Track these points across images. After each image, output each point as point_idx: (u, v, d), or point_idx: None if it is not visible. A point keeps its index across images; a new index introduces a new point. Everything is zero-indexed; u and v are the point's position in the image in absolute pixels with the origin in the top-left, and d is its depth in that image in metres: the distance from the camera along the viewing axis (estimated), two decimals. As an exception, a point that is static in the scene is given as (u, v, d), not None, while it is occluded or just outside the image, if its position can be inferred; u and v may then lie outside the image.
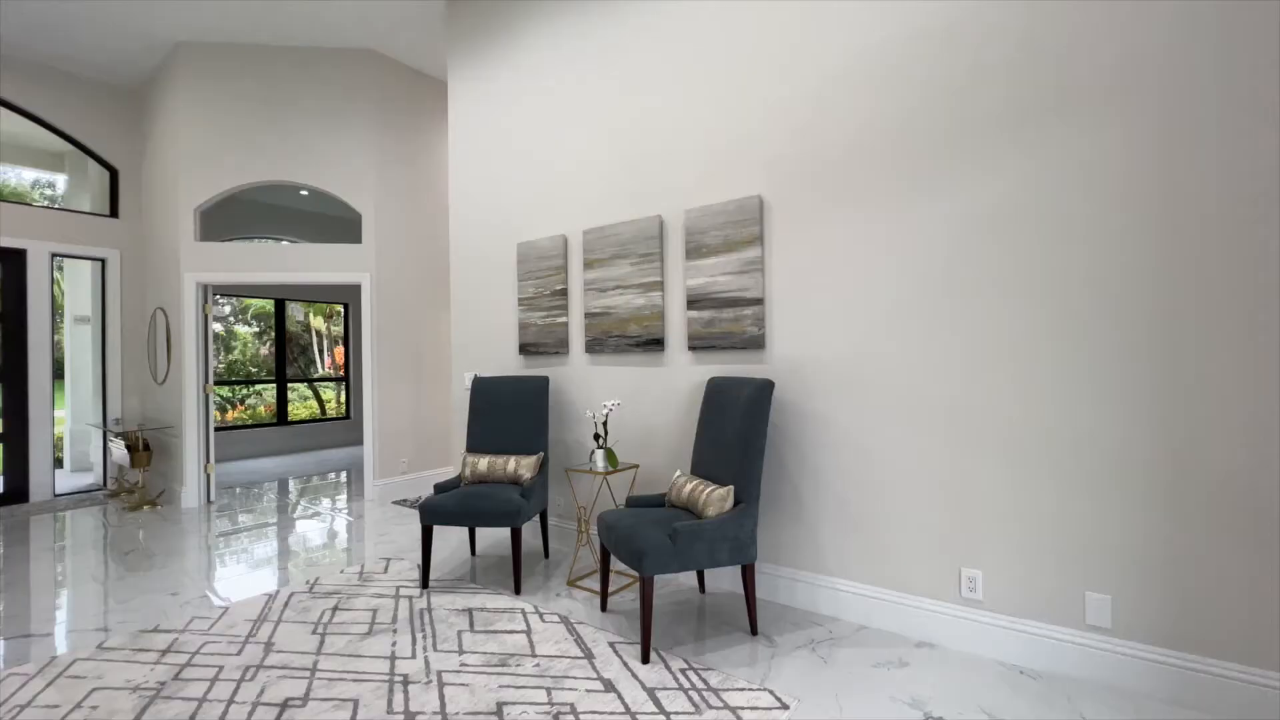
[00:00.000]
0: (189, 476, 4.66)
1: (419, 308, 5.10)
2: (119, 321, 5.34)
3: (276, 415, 7.77)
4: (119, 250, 5.35)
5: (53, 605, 2.89)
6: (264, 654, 2.31)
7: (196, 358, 4.68)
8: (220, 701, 1.99)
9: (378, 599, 2.82)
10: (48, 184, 12.99)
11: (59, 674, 2.18)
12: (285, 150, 4.77)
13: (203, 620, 2.62)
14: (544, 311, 3.59)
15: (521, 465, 3.14)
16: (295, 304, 8.69)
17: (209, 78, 4.72)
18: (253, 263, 4.84)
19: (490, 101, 3.94)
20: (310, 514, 4.61)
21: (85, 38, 4.60)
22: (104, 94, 5.30)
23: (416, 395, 5.07)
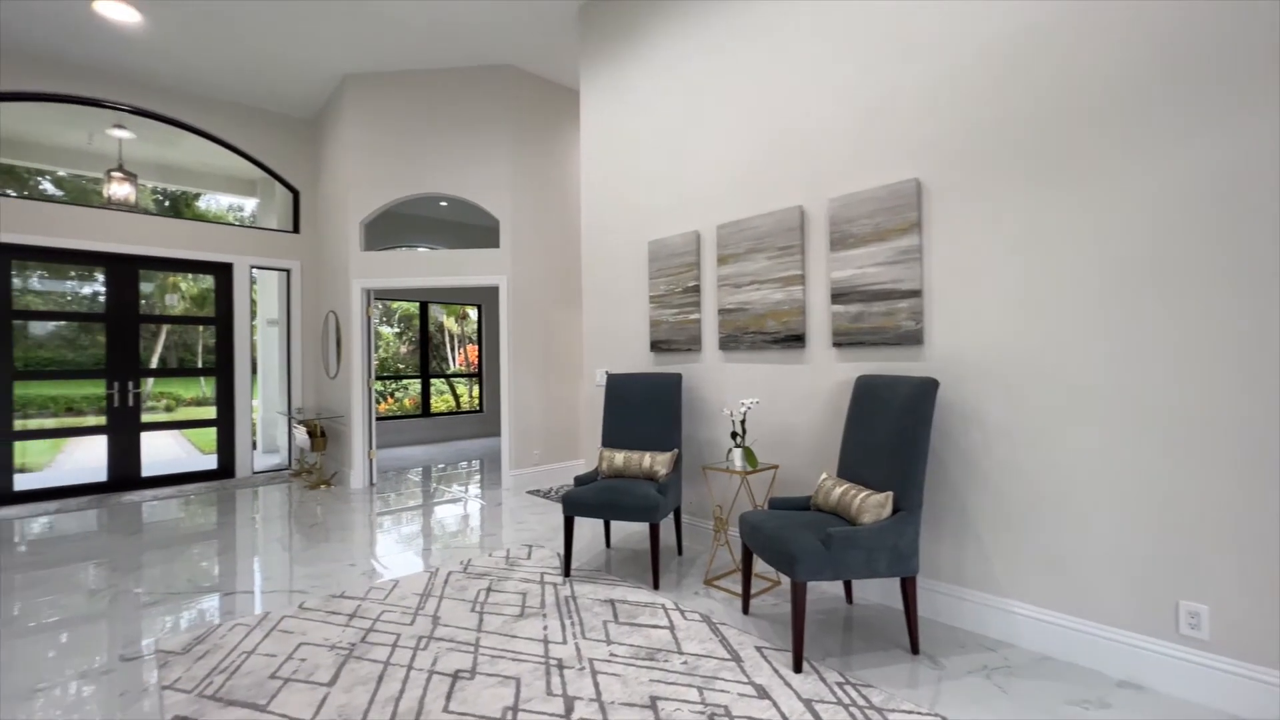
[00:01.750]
0: (356, 460, 5.24)
1: (550, 307, 5.34)
2: (300, 323, 6.12)
3: (421, 408, 8.52)
4: (300, 261, 6.13)
5: (256, 567, 3.35)
6: (432, 626, 2.51)
7: (361, 355, 5.24)
8: (401, 666, 2.19)
9: (525, 584, 2.97)
10: (238, 207, 15.29)
11: (272, 628, 2.51)
12: (433, 165, 5.19)
13: (378, 591, 2.91)
14: (675, 309, 3.59)
15: (657, 462, 3.16)
16: (434, 306, 9.48)
17: (369, 105, 5.26)
18: (406, 268, 5.33)
19: (621, 104, 4.01)
20: (454, 499, 4.99)
21: (275, 78, 5.31)
22: (288, 126, 6.09)
23: (547, 390, 5.31)
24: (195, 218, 9.32)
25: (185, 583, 3.12)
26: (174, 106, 5.45)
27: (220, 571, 3.30)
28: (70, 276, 8.85)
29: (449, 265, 5.26)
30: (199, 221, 5.85)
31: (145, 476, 5.41)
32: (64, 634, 2.53)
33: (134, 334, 5.41)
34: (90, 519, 4.42)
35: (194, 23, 4.43)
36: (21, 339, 5.14)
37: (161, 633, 2.52)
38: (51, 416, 6.81)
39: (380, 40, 4.72)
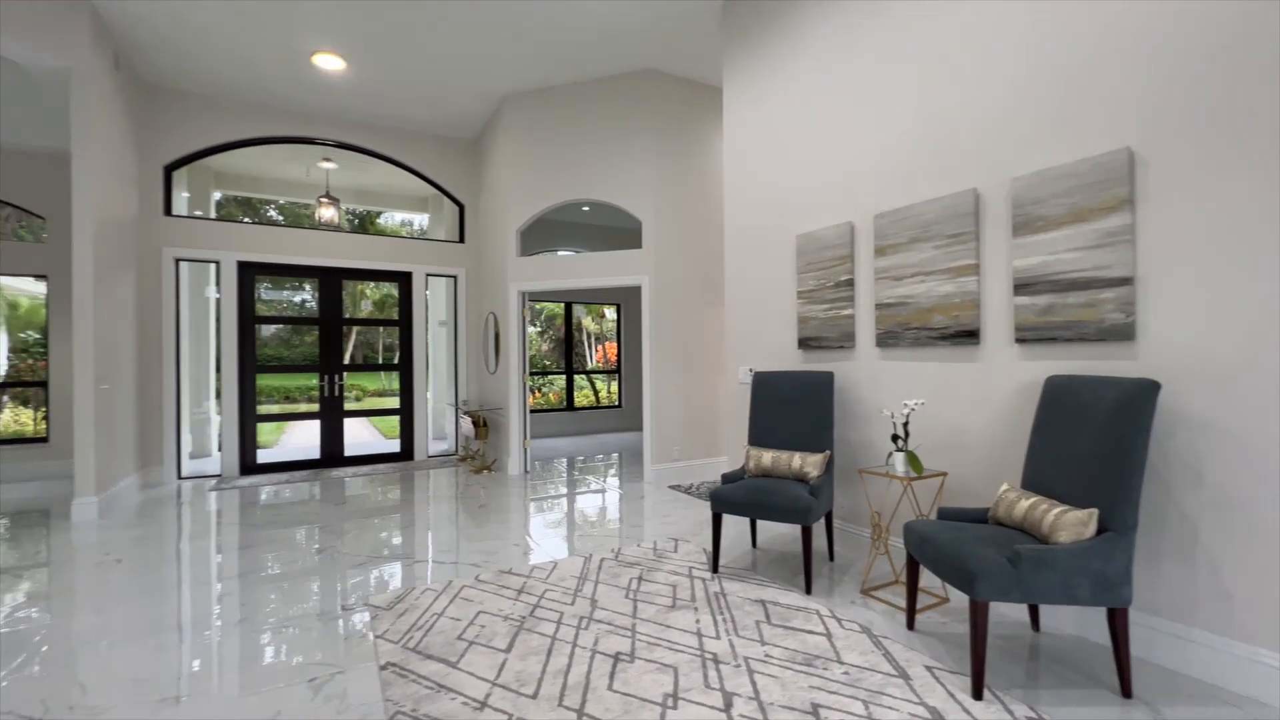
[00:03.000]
0: (513, 449, 5.70)
1: (691, 305, 5.40)
2: (465, 324, 6.80)
3: (565, 402, 9.05)
4: (465, 268, 6.80)
5: (436, 540, 3.78)
6: (591, 609, 2.66)
7: (517, 352, 5.69)
8: (566, 643, 2.34)
9: (674, 576, 3.04)
10: (407, 221, 17.31)
11: (455, 596, 2.82)
12: (580, 171, 5.48)
13: (540, 571, 3.14)
14: (826, 304, 3.45)
15: (808, 463, 3.06)
16: (576, 306, 10.02)
17: (523, 121, 5.68)
18: (556, 271, 5.68)
19: (766, 96, 3.93)
20: (598, 490, 5.24)
21: (445, 105, 5.93)
22: (454, 147, 6.78)
23: (687, 388, 5.37)
24: (377, 233, 10.68)
25: (381, 549, 3.62)
26: (366, 138, 6.31)
27: (407, 541, 3.78)
28: (286, 287, 10.52)
29: (594, 267, 5.53)
30: (384, 236, 6.71)
31: (347, 456, 6.35)
32: (296, 583, 3.05)
33: (338, 335, 6.35)
34: (308, 489, 5.28)
35: (383, 64, 5.09)
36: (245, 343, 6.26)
37: (369, 590, 2.94)
38: (274, 403, 8.18)
39: (535, 61, 5.07)
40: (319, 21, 4.46)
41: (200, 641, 2.43)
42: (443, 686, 2.04)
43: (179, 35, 4.62)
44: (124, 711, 1.92)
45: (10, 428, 7.46)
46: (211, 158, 5.96)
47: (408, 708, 1.91)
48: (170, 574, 3.24)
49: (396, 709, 1.90)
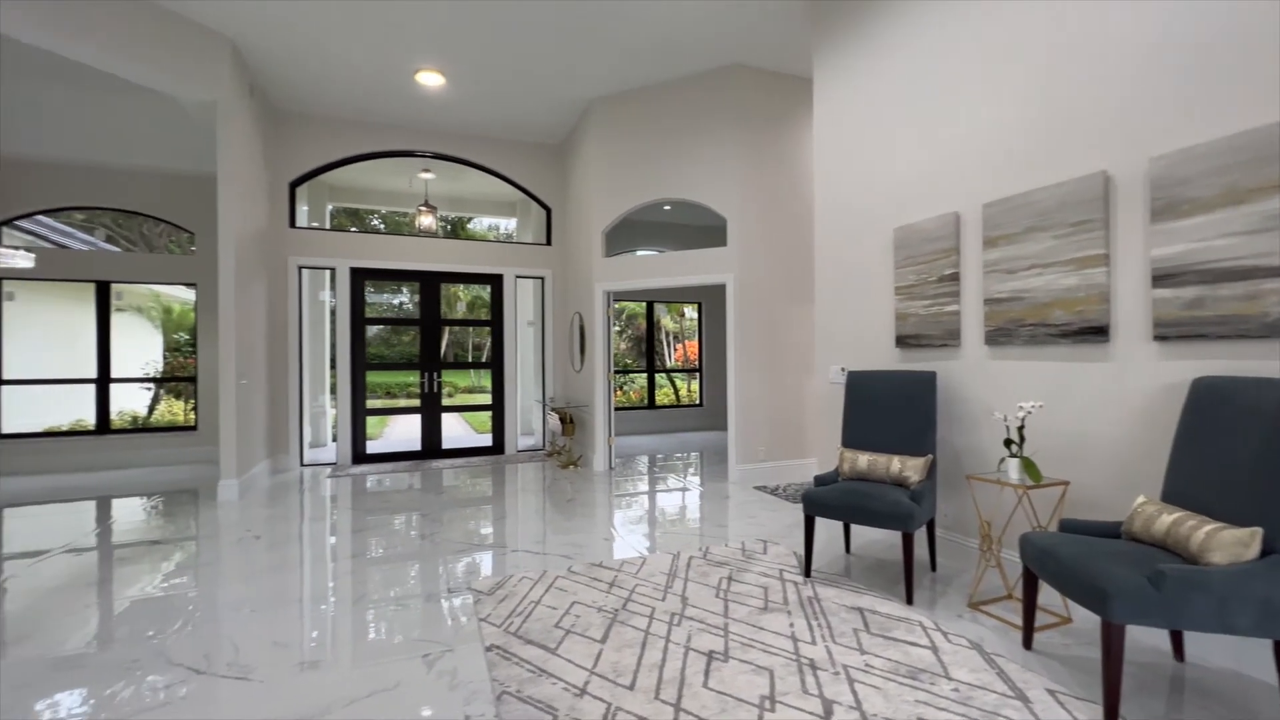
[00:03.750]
0: (598, 445, 5.83)
1: (778, 303, 5.29)
2: (552, 324, 7.03)
3: (646, 400, 9.14)
4: (551, 270, 7.03)
5: (529, 531, 3.93)
6: (682, 606, 2.67)
7: (602, 351, 5.82)
8: (659, 638, 2.37)
9: (764, 578, 2.99)
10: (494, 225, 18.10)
11: (550, 585, 2.93)
12: (665, 171, 5.51)
13: (630, 566, 3.19)
14: (928, 300, 3.27)
15: (908, 466, 2.92)
16: (658, 305, 10.08)
17: (609, 123, 5.79)
18: (640, 271, 5.75)
19: (862, 84, 3.78)
20: (682, 488, 5.25)
21: (534, 113, 6.15)
22: (542, 153, 7.02)
23: (773, 387, 5.27)
24: (467, 238, 11.20)
25: (478, 537, 3.82)
26: (461, 148, 6.66)
27: (501, 531, 3.96)
28: (385, 290, 11.26)
29: (677, 266, 5.54)
30: (478, 241, 7.06)
31: (444, 448, 6.75)
32: (403, 565, 3.28)
33: (436, 335, 6.76)
34: (410, 479, 5.65)
35: (478, 77, 5.35)
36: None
37: (469, 575, 3.12)
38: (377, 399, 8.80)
39: (621, 65, 5.16)
40: (423, 41, 4.76)
41: (325, 613, 2.67)
42: (544, 671, 2.12)
43: (302, 65, 5.09)
44: (270, 670, 2.15)
45: (165, 417, 8.52)
46: (326, 173, 6.51)
47: (513, 688, 2.01)
48: (298, 551, 3.59)
49: (503, 689, 2.01)
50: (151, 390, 8.67)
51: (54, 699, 1.98)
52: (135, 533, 4.04)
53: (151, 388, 8.61)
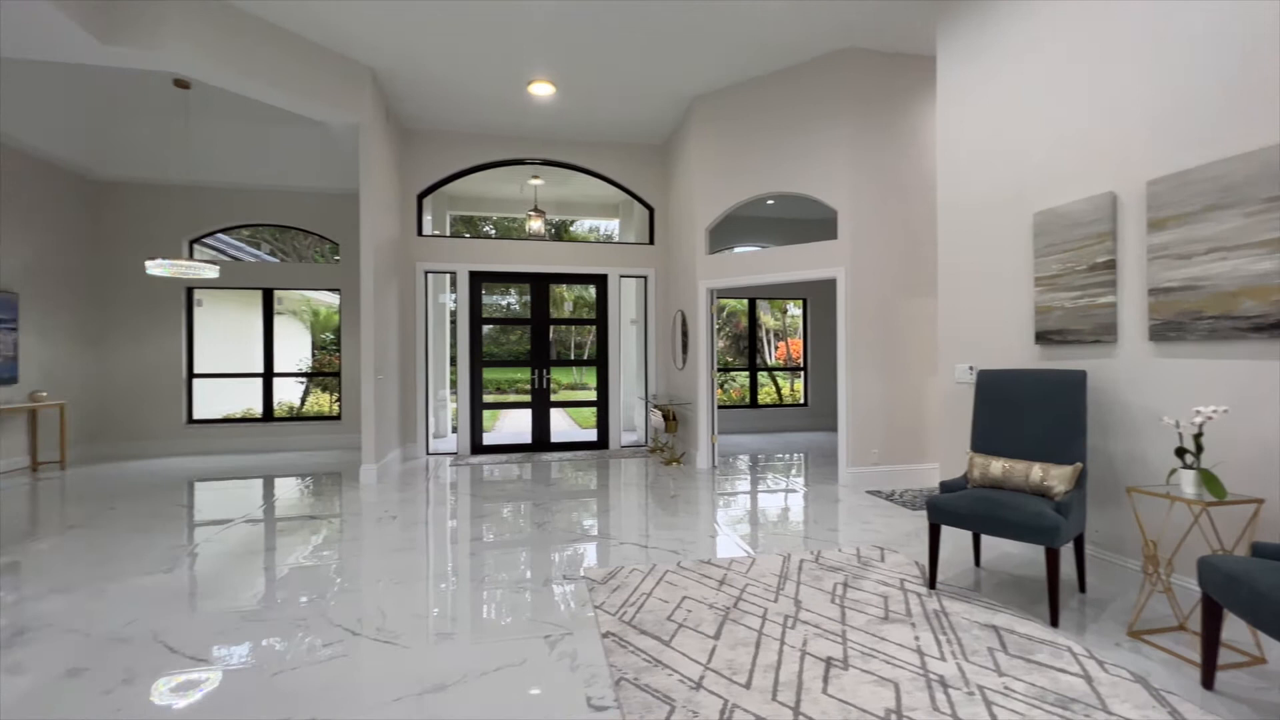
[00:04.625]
0: (701, 443, 5.83)
1: (893, 297, 5.00)
2: (654, 322, 7.12)
3: (749, 399, 9.01)
4: (654, 269, 7.12)
5: (634, 525, 4.01)
6: (796, 609, 2.61)
7: (705, 348, 5.80)
8: (773, 639, 2.33)
9: (883, 587, 2.84)
10: (595, 227, 18.60)
11: (660, 579, 2.97)
12: (770, 165, 5.39)
13: (739, 565, 3.16)
14: (1076, 291, 2.94)
15: (1051, 475, 2.65)
16: (760, 301, 9.89)
17: (712, 120, 5.75)
18: (744, 267, 5.66)
19: (993, 55, 3.47)
20: (788, 489, 5.11)
21: (637, 115, 6.25)
22: (644, 154, 7.12)
23: (889, 386, 4.99)
24: (569, 240, 11.60)
25: (588, 527, 3.95)
26: (568, 153, 6.91)
27: (609, 523, 4.07)
28: (494, 292, 11.87)
29: (784, 261, 5.40)
30: (584, 243, 7.30)
31: (552, 442, 7.06)
32: (520, 550, 3.47)
33: (545, 333, 7.08)
34: (522, 470, 5.97)
35: (585, 84, 5.53)
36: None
37: (581, 563, 3.24)
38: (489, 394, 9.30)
39: (726, 60, 5.11)
40: (537, 55, 4.99)
41: (454, 590, 2.89)
42: (659, 662, 2.16)
43: (428, 87, 5.53)
44: (412, 638, 2.37)
45: (313, 408, 9.62)
46: (448, 184, 7.02)
47: (630, 676, 2.06)
48: (427, 533, 3.91)
49: (621, 675, 2.07)
50: (304, 384, 9.82)
51: (246, 645, 2.31)
52: (293, 508, 4.60)
53: (304, 381, 9.75)
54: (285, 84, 4.61)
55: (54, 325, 6.34)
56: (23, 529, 3.97)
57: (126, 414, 6.95)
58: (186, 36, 4.07)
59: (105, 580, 2.99)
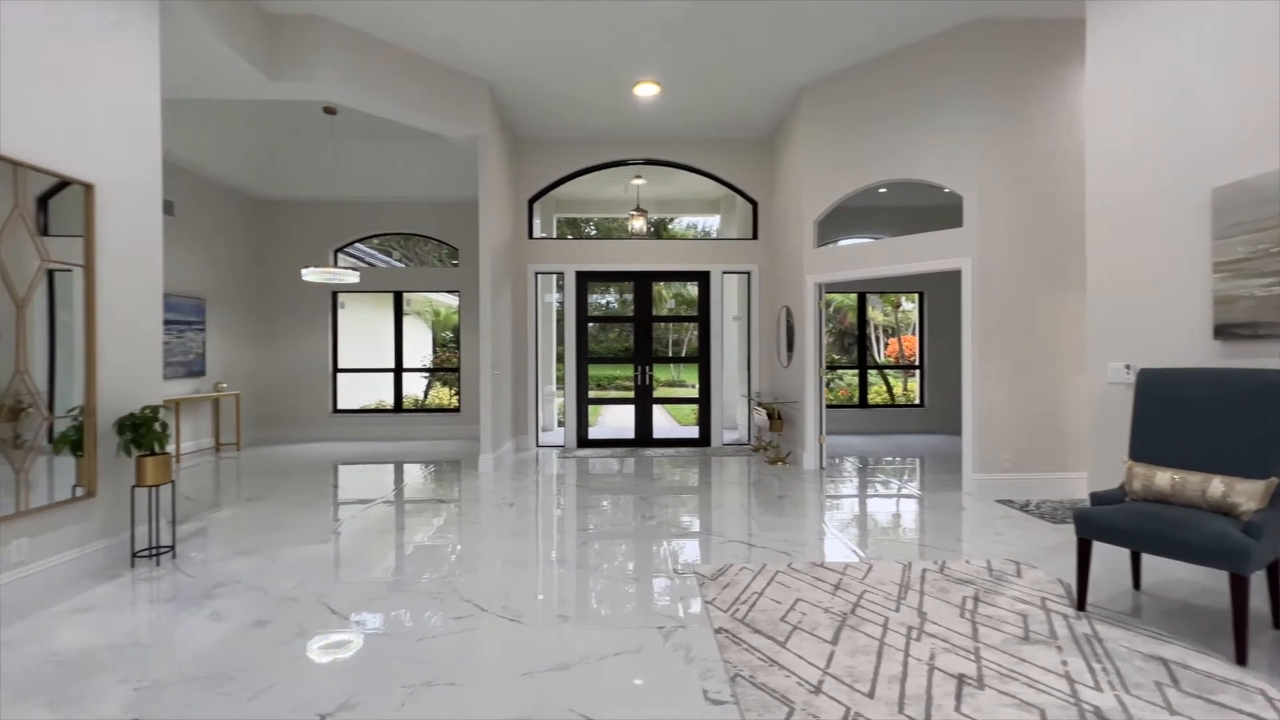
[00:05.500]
0: (808, 443, 5.65)
1: (1030, 288, 4.55)
2: (758, 318, 7.00)
3: (858, 398, 8.60)
4: (757, 264, 6.99)
5: (740, 523, 3.96)
6: (920, 620, 2.46)
7: (813, 345, 5.61)
8: (896, 649, 2.21)
9: (1022, 604, 2.61)
10: (692, 224, 18.50)
11: (771, 579, 2.92)
12: (883, 152, 5.10)
13: (854, 570, 3.04)
14: (1269, 278, 2.52)
15: (1237, 491, 2.29)
16: (870, 296, 9.40)
17: (821, 109, 5.54)
18: (855, 261, 5.41)
19: (1158, 8, 3.05)
20: (904, 494, 4.82)
21: (740, 109, 6.15)
22: (747, 148, 7.00)
23: (1024, 386, 4.55)
24: (667, 238, 11.64)
25: (694, 523, 3.97)
26: (670, 151, 6.96)
27: (715, 520, 4.06)
28: (594, 291, 12.10)
29: (899, 253, 5.09)
30: (687, 240, 7.32)
31: (655, 438, 7.16)
32: (629, 542, 3.55)
33: (648, 330, 7.18)
34: (627, 464, 6.10)
35: (689, 82, 5.53)
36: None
37: (689, 558, 3.26)
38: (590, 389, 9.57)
39: (835, 46, 4.89)
40: (643, 57, 5.07)
41: (569, 576, 3.02)
42: (774, 661, 2.13)
43: (539, 96, 5.79)
44: (534, 618, 2.51)
45: (433, 401, 10.43)
46: (555, 188, 7.31)
47: (746, 673, 2.05)
48: (541, 520, 4.12)
49: (736, 671, 2.06)
50: (427, 378, 10.67)
51: (391, 612, 2.57)
52: (422, 492, 5.03)
53: (427, 376, 10.60)
54: (415, 103, 5.03)
55: (231, 326, 7.37)
56: (209, 500, 4.66)
57: (284, 403, 7.93)
58: (336, 67, 4.56)
59: (277, 547, 3.44)
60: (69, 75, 2.86)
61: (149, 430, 3.06)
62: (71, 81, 2.87)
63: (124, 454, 3.07)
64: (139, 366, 3.28)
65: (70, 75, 2.86)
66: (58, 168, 2.79)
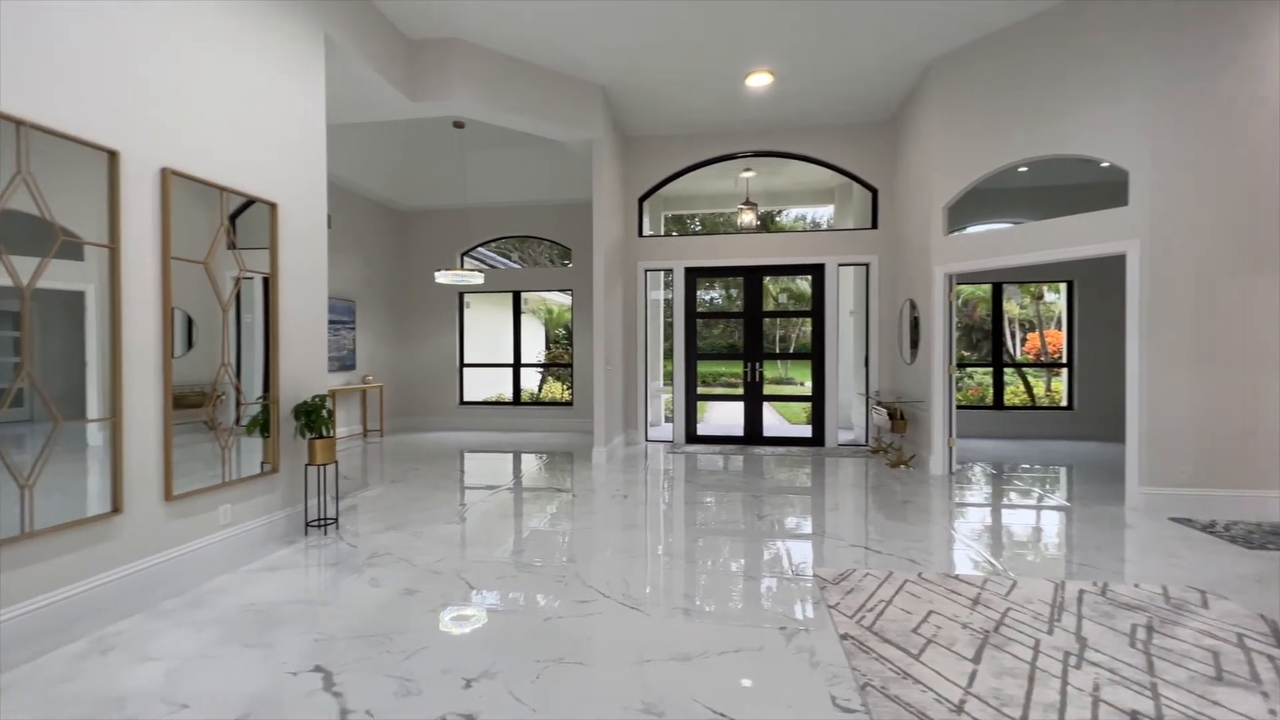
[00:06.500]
0: (935, 446, 5.26)
1: (1216, 275, 3.90)
2: (877, 312, 6.62)
3: (992, 399, 7.87)
4: (877, 255, 6.61)
5: (859, 527, 3.76)
6: (1079, 646, 2.20)
7: (942, 342, 5.20)
8: (1052, 676, 2.00)
9: (1211, 639, 2.25)
10: (801, 216, 17.79)
11: (899, 588, 2.76)
12: (1026, 126, 4.60)
13: (996, 585, 2.79)
14: None
15: None
16: (1008, 286, 8.53)
17: (952, 85, 5.10)
18: (994, 247, 4.93)
19: None
20: (1051, 505, 4.34)
21: (855, 92, 5.82)
22: (865, 132, 6.62)
23: (1207, 388, 3.91)
24: (776, 230, 11.33)
25: (809, 524, 3.84)
26: (780, 141, 6.76)
27: (833, 522, 3.90)
28: (700, 286, 11.97)
29: (1046, 238, 4.57)
30: (799, 232, 7.08)
31: (765, 436, 7.01)
32: (743, 540, 3.51)
33: (758, 326, 7.05)
34: (737, 462, 6.03)
35: (804, 67, 5.33)
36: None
37: (807, 560, 3.15)
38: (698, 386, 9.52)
39: (972, 10, 4.49)
40: (756, 46, 4.97)
41: (684, 570, 3.04)
42: (907, 674, 2.01)
43: (650, 96, 5.87)
44: (654, 608, 2.56)
45: (546, 395, 10.94)
46: (663, 185, 7.38)
47: (877, 683, 1.95)
48: (654, 513, 4.19)
49: (866, 680, 1.97)
50: (540, 373, 11.23)
51: (521, 591, 2.74)
52: (541, 481, 5.30)
53: (540, 371, 11.15)
54: (535, 111, 5.30)
55: (375, 325, 8.21)
56: (359, 480, 5.23)
57: (419, 395, 8.71)
58: (467, 85, 4.92)
59: (419, 524, 3.80)
60: (259, 109, 3.33)
61: (318, 416, 3.50)
62: (260, 114, 3.34)
63: (299, 436, 3.53)
64: (309, 361, 3.75)
65: (259, 109, 3.33)
66: (251, 190, 3.27)
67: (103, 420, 2.55)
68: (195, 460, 2.98)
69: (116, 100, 2.55)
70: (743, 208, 7.87)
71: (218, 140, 3.06)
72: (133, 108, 2.62)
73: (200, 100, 2.96)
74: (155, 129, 2.72)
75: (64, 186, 2.38)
